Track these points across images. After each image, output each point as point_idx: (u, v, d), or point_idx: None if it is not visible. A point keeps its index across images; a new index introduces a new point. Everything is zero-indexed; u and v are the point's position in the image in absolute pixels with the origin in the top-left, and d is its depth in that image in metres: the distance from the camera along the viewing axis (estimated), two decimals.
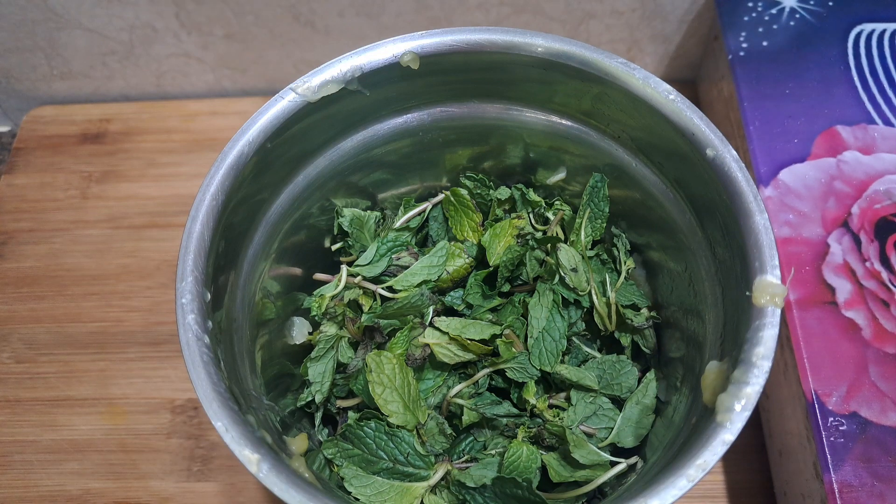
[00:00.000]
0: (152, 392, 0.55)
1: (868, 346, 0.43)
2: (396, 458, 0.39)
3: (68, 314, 0.59)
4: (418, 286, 0.45)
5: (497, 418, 0.42)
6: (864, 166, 0.49)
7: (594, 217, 0.46)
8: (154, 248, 0.62)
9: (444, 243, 0.46)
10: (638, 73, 0.38)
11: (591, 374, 0.42)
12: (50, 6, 0.62)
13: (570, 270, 0.43)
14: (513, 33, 0.40)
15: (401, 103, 0.44)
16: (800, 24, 0.55)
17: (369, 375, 0.40)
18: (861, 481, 0.40)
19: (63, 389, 0.55)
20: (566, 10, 0.62)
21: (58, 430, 0.54)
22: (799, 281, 0.45)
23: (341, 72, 0.40)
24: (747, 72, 0.53)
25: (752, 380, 0.31)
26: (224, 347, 0.36)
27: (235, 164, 0.37)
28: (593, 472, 0.39)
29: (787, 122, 0.51)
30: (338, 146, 0.44)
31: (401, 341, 0.42)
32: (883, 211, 0.47)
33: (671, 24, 0.63)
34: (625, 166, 0.44)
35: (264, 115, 0.38)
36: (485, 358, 0.43)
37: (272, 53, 0.67)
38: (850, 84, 0.52)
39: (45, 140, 0.68)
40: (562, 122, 0.44)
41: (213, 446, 0.53)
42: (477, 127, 0.46)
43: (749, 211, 0.34)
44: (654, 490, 0.30)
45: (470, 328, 0.42)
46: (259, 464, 0.30)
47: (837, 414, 0.41)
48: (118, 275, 0.61)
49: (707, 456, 0.30)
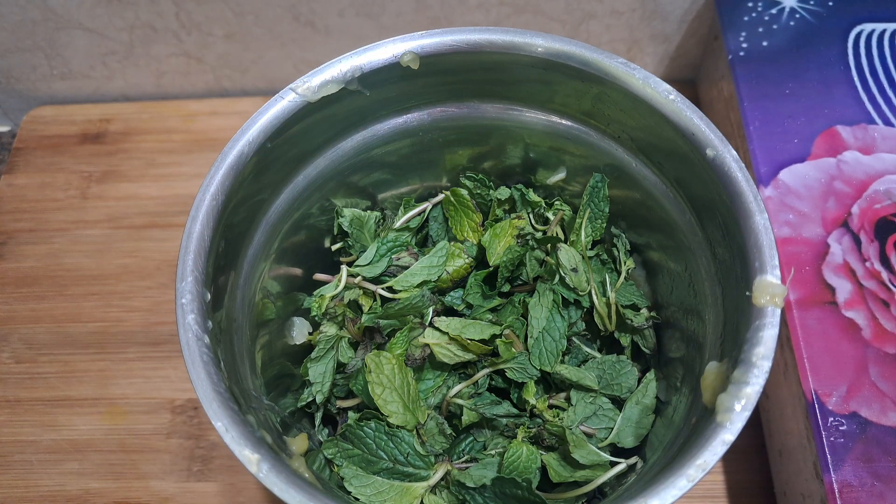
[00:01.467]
0: (152, 392, 0.55)
1: (868, 346, 0.43)
2: (396, 458, 0.39)
3: (68, 314, 0.59)
4: (418, 286, 0.45)
5: (497, 418, 0.42)
6: (864, 166, 0.49)
7: (594, 217, 0.46)
8: (154, 248, 0.62)
9: (444, 243, 0.46)
10: (638, 73, 0.38)
11: (590, 374, 0.42)
12: (50, 6, 0.62)
13: (570, 270, 0.43)
14: (513, 33, 0.40)
15: (401, 103, 0.44)
16: (800, 24, 0.55)
17: (369, 376, 0.40)
18: (861, 481, 0.40)
19: (63, 389, 0.55)
20: (566, 10, 0.62)
21: (58, 430, 0.54)
22: (799, 281, 0.45)
23: (341, 72, 0.40)
24: (747, 72, 0.53)
25: (752, 380, 0.31)
26: (224, 347, 0.36)
27: (235, 164, 0.37)
28: (593, 472, 0.39)
29: (787, 122, 0.51)
30: (338, 146, 0.44)
31: (400, 341, 0.42)
32: (883, 211, 0.47)
33: (671, 24, 0.63)
34: (625, 166, 0.44)
35: (264, 115, 0.38)
36: (484, 358, 0.43)
37: (272, 53, 0.67)
38: (850, 84, 0.52)
39: (45, 140, 0.68)
40: (562, 122, 0.44)
41: (213, 446, 0.53)
42: (477, 127, 0.46)
43: (749, 211, 0.34)
44: (654, 490, 0.30)
45: (470, 328, 0.42)
46: (259, 464, 0.30)
47: (837, 414, 0.41)
48: (118, 275, 0.61)
49: (707, 456, 0.30)
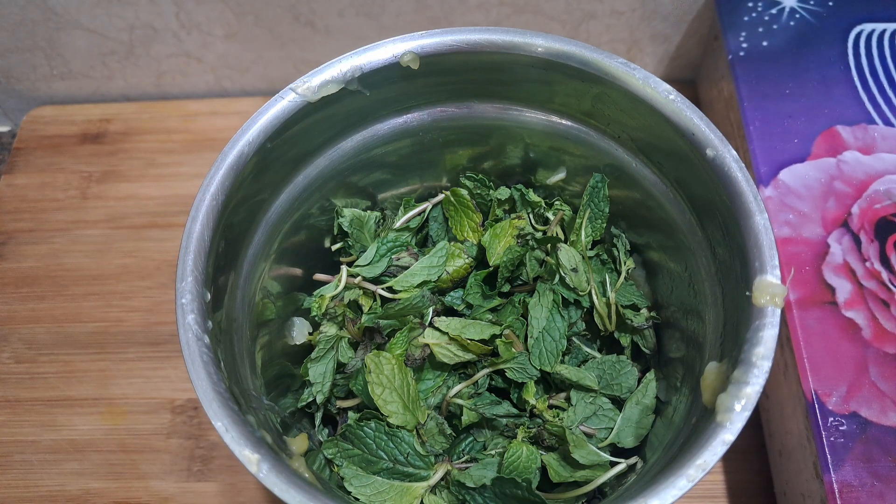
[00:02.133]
0: (152, 392, 0.55)
1: (868, 346, 0.43)
2: (396, 458, 0.39)
3: (68, 314, 0.59)
4: (418, 287, 0.45)
5: (497, 418, 0.42)
6: (864, 166, 0.49)
7: (594, 217, 0.46)
8: (154, 248, 0.62)
9: (444, 243, 0.46)
10: (638, 74, 0.38)
11: (590, 374, 0.42)
12: (50, 6, 0.62)
13: (571, 270, 0.43)
14: (513, 33, 0.40)
15: (401, 103, 0.44)
16: (800, 24, 0.55)
17: (368, 376, 0.40)
18: (861, 481, 0.40)
19: (63, 389, 0.55)
20: (566, 10, 0.62)
21: (58, 430, 0.54)
22: (799, 281, 0.45)
23: (341, 72, 0.40)
24: (747, 72, 0.53)
25: (752, 380, 0.31)
26: (224, 347, 0.36)
27: (235, 164, 0.37)
28: (593, 472, 0.39)
29: (787, 122, 0.51)
30: (338, 146, 0.44)
31: (400, 342, 0.42)
32: (883, 211, 0.47)
33: (671, 24, 0.63)
34: (625, 166, 0.44)
35: (264, 115, 0.38)
36: (484, 358, 0.43)
37: (272, 53, 0.67)
38: (850, 84, 0.52)
39: (45, 140, 0.68)
40: (562, 122, 0.44)
41: (213, 446, 0.53)
42: (477, 127, 0.46)
43: (749, 211, 0.34)
44: (654, 490, 0.30)
45: (469, 328, 0.42)
46: (259, 464, 0.30)
47: (837, 414, 0.41)
48: (118, 275, 0.61)
49: (707, 456, 0.30)
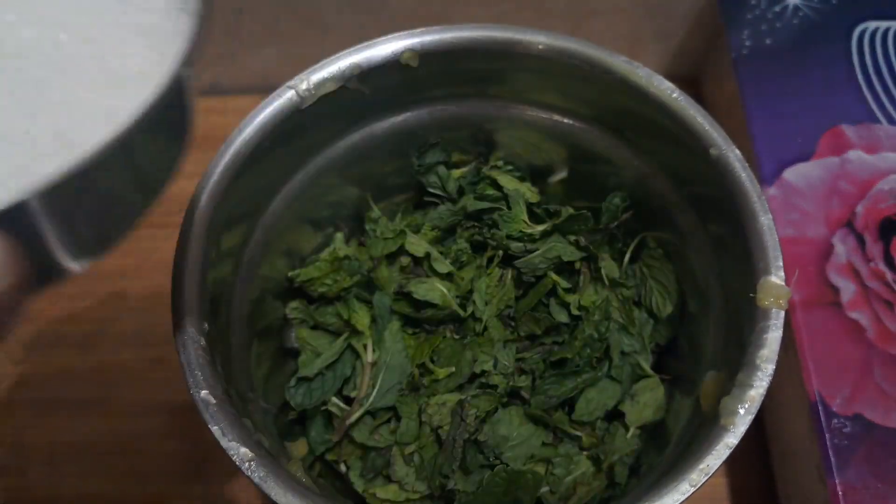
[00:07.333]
0: (150, 393, 0.55)
1: (872, 347, 0.43)
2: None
3: (64, 315, 0.58)
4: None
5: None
6: (869, 165, 0.48)
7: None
8: (151, 247, 0.61)
9: None
10: (641, 71, 0.38)
11: None
12: None
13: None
14: (514, 30, 0.39)
15: (400, 101, 0.43)
16: (803, 22, 0.55)
17: None
18: (865, 484, 0.39)
19: (61, 390, 0.55)
20: (568, 6, 0.62)
21: (56, 431, 0.53)
22: (802, 281, 0.45)
23: (340, 69, 0.39)
24: (750, 70, 0.53)
25: (756, 383, 0.31)
26: (221, 350, 0.36)
27: (232, 163, 0.37)
28: None
29: (791, 121, 0.50)
30: (337, 144, 0.44)
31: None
32: (887, 210, 0.47)
33: (674, 21, 0.63)
34: (626, 165, 0.43)
35: (262, 114, 0.38)
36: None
37: (270, 51, 0.67)
38: (855, 82, 0.52)
39: None
40: (564, 120, 0.44)
41: (210, 449, 0.52)
42: (477, 125, 0.46)
43: (753, 211, 0.34)
44: (657, 494, 0.29)
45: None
46: (256, 468, 0.30)
47: (841, 416, 0.41)
48: (116, 275, 0.60)
49: (710, 460, 0.30)
